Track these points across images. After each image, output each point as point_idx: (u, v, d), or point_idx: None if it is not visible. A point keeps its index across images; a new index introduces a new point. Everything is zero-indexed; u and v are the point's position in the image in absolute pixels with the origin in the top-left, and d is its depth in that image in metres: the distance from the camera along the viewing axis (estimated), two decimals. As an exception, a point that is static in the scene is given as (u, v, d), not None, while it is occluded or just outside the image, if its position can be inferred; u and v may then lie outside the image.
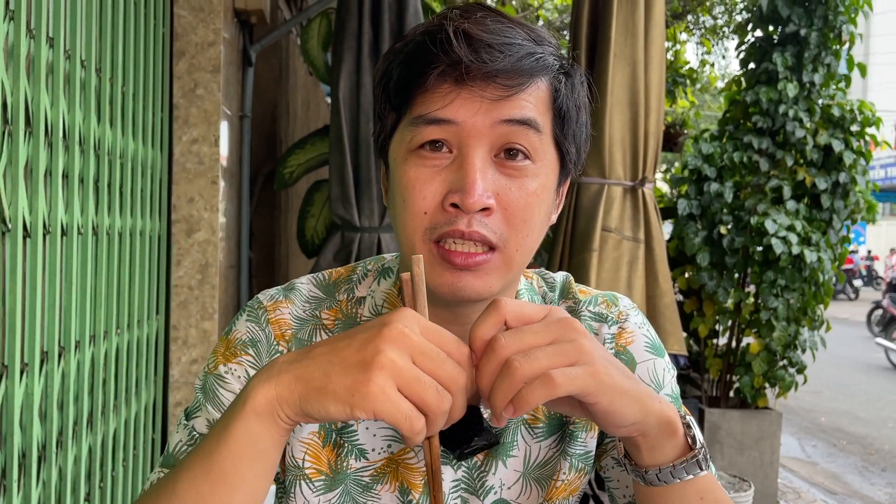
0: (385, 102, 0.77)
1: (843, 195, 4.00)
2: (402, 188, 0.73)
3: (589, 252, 2.88)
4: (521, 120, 0.71)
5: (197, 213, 2.44)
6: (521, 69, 0.70)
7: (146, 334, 2.24)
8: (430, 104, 0.71)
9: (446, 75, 0.70)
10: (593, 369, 0.61)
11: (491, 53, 0.69)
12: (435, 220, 0.72)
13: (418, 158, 0.72)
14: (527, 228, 0.73)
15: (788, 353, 4.07)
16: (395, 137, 0.76)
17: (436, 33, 0.70)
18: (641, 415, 0.65)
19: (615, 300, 0.90)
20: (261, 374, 0.63)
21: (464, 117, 0.70)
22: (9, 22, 1.35)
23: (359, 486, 0.82)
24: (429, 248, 0.73)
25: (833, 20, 3.89)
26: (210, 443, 0.64)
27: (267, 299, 0.85)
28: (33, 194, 1.46)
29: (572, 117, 0.76)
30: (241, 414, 0.62)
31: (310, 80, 4.53)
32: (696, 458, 0.69)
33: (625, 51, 2.93)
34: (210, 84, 2.43)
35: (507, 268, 0.74)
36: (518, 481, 0.84)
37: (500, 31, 0.71)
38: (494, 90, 0.70)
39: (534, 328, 0.63)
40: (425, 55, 0.71)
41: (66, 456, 1.66)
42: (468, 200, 0.69)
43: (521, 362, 0.60)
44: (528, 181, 0.73)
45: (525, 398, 0.60)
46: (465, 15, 0.72)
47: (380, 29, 2.67)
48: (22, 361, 1.43)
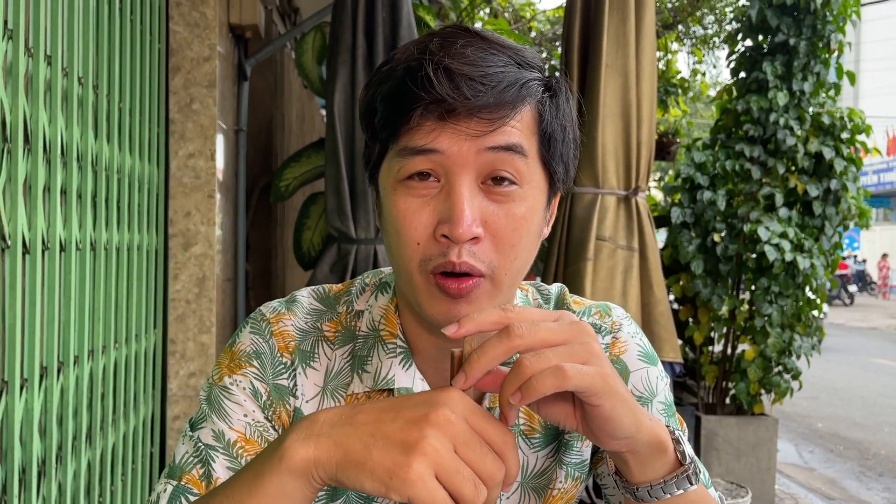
0: (371, 134, 0.78)
1: (834, 202, 4.04)
2: (393, 219, 0.74)
3: (584, 261, 2.90)
4: (506, 146, 0.71)
5: (194, 227, 2.45)
6: (504, 101, 0.70)
7: (144, 348, 2.25)
8: (415, 139, 0.72)
9: (429, 112, 0.70)
10: (602, 371, 0.62)
11: (473, 88, 0.69)
12: (428, 251, 0.73)
13: (407, 189, 0.73)
14: (514, 253, 0.74)
15: (783, 359, 4.09)
16: (383, 167, 0.77)
17: (416, 70, 0.70)
18: (634, 428, 0.66)
19: (608, 310, 0.91)
20: (300, 430, 0.62)
21: (448, 147, 0.71)
22: (7, 41, 1.36)
23: (360, 499, 0.82)
24: (426, 279, 0.73)
25: (822, 29, 3.94)
26: (240, 491, 0.63)
27: (269, 311, 0.86)
28: (32, 210, 1.47)
29: (558, 138, 0.77)
30: (277, 470, 0.61)
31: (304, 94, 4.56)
32: (686, 473, 0.70)
33: (616, 61, 2.96)
34: (206, 99, 2.45)
35: (497, 291, 0.75)
36: (516, 491, 0.85)
37: (482, 61, 0.71)
38: (478, 125, 0.70)
39: (549, 325, 0.62)
40: (407, 93, 0.71)
41: (65, 471, 1.66)
42: (457, 231, 0.70)
43: (532, 360, 0.60)
44: (516, 206, 0.73)
45: (534, 386, 0.60)
46: (446, 46, 0.71)
47: (374, 42, 2.70)
48: (22, 377, 1.43)
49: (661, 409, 0.87)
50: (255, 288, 3.30)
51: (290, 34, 3.26)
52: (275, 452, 0.62)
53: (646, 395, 0.87)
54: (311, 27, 3.19)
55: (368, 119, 0.77)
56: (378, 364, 0.83)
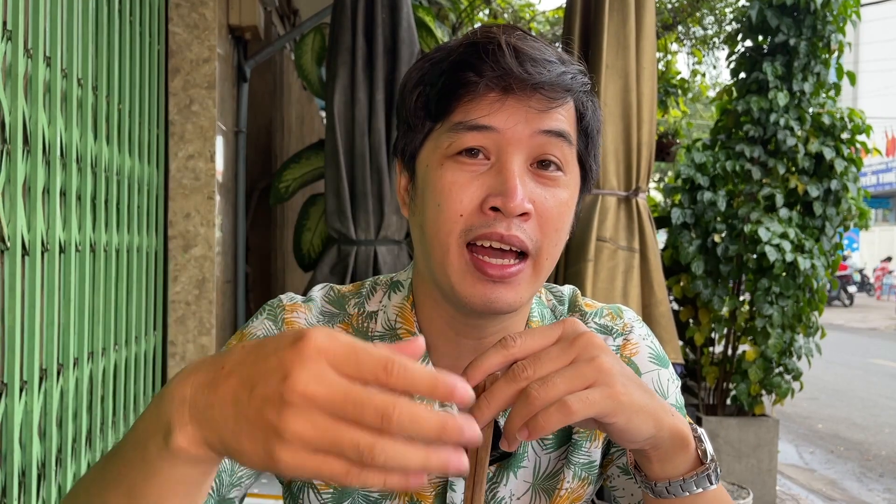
0: (419, 111, 0.77)
1: (835, 202, 4.03)
2: (437, 192, 0.74)
3: (584, 262, 2.89)
4: (559, 131, 0.74)
5: (193, 229, 2.44)
6: (561, 84, 0.73)
7: (144, 350, 2.24)
8: (474, 111, 0.73)
9: (494, 84, 0.72)
10: (611, 391, 0.61)
11: (536, 67, 0.72)
12: (471, 221, 0.72)
13: (455, 163, 0.74)
14: (557, 237, 0.76)
15: (784, 360, 4.08)
16: (427, 145, 0.77)
17: (486, 44, 0.73)
18: (655, 429, 0.65)
19: (620, 312, 0.91)
20: (178, 411, 0.52)
21: (505, 125, 0.72)
22: (6, 42, 1.36)
23: (367, 501, 0.82)
24: (461, 254, 0.73)
25: (822, 30, 3.93)
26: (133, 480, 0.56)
27: (287, 300, 0.86)
28: (31, 212, 1.46)
29: (594, 136, 0.80)
30: (171, 462, 0.53)
31: (304, 95, 4.55)
32: (707, 472, 0.70)
33: (616, 62, 2.96)
34: (205, 100, 2.45)
35: (536, 276, 0.75)
36: (528, 492, 0.84)
37: (539, 49, 0.74)
38: (539, 101, 0.73)
39: (552, 353, 0.62)
40: (473, 64, 0.72)
41: (65, 473, 1.66)
42: (510, 203, 0.70)
43: (539, 391, 0.60)
44: (561, 191, 0.75)
45: (541, 424, 0.60)
46: (508, 31, 0.75)
47: (373, 44, 2.70)
48: (21, 379, 1.43)
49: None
50: (254, 290, 3.29)
51: (289, 35, 3.25)
52: (160, 446, 0.53)
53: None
54: (311, 28, 3.19)
55: (419, 95, 0.77)
56: None
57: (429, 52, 0.79)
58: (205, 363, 0.53)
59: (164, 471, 0.54)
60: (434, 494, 0.81)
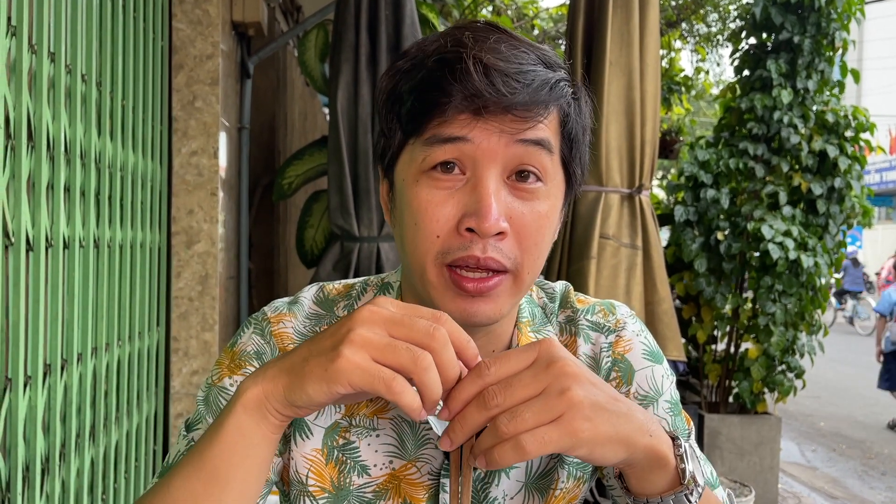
0: (393, 123, 0.75)
1: (838, 200, 4.03)
2: (413, 210, 0.73)
3: (587, 259, 2.89)
4: (536, 141, 0.71)
5: (196, 225, 2.44)
6: (538, 100, 0.70)
7: (147, 346, 2.25)
8: (446, 130, 0.71)
9: (463, 106, 0.69)
10: (572, 427, 0.61)
11: (509, 85, 0.68)
12: (448, 244, 0.71)
13: (430, 180, 0.72)
14: (537, 251, 0.74)
15: (787, 358, 4.08)
16: (402, 157, 0.76)
17: (453, 62, 0.69)
18: (627, 454, 0.65)
19: (612, 309, 0.90)
20: (250, 376, 0.65)
21: (479, 138, 0.70)
22: (11, 38, 1.36)
23: (361, 503, 0.82)
24: (440, 273, 0.72)
25: (826, 27, 3.93)
26: (203, 442, 0.66)
27: (272, 311, 0.85)
28: (36, 208, 1.47)
29: (580, 140, 0.77)
30: (232, 412, 0.64)
31: (307, 92, 4.55)
32: (684, 492, 0.69)
33: (620, 59, 2.95)
34: (209, 96, 2.45)
35: (517, 289, 0.74)
36: (520, 492, 0.84)
37: (515, 58, 0.70)
38: (512, 122, 0.70)
39: (524, 379, 0.63)
40: (441, 85, 0.69)
41: (68, 468, 1.66)
42: (484, 225, 0.69)
43: (507, 425, 0.61)
44: (539, 203, 0.73)
45: (495, 459, 0.61)
46: (480, 40, 0.71)
47: (377, 40, 2.69)
48: (25, 374, 1.43)
49: (667, 407, 0.86)
50: (257, 286, 3.30)
51: (292, 32, 3.25)
52: (230, 399, 0.66)
53: (651, 394, 0.86)
54: (314, 25, 3.18)
55: (391, 108, 0.75)
56: None
57: (406, 50, 0.76)
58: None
59: (229, 427, 0.64)
60: (427, 496, 0.81)
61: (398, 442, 0.81)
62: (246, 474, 0.65)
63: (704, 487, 0.71)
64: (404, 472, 0.81)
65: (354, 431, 0.82)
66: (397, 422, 0.81)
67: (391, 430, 0.81)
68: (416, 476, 0.81)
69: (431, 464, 0.81)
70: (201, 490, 0.64)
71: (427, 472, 0.81)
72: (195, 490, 0.65)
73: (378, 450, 0.81)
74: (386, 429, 0.81)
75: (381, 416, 0.82)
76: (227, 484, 0.64)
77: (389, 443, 0.81)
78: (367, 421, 0.82)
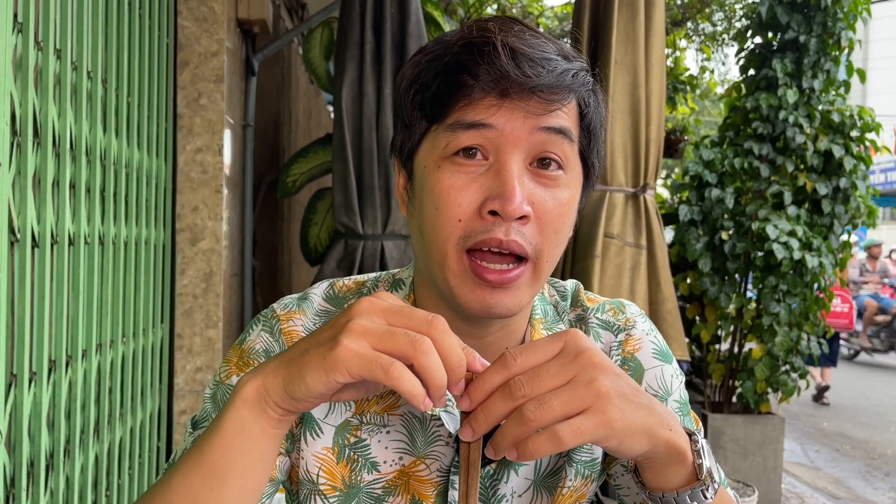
0: (415, 110, 0.75)
1: (843, 200, 4.02)
2: (434, 195, 0.73)
3: (591, 258, 2.89)
4: (559, 129, 0.72)
5: (201, 222, 2.45)
6: (561, 84, 0.71)
7: (151, 343, 2.25)
8: (471, 114, 0.71)
9: (490, 88, 0.70)
10: (605, 418, 0.61)
11: (534, 68, 0.69)
12: (470, 227, 0.71)
13: (453, 165, 0.72)
14: (557, 239, 0.74)
15: (791, 358, 4.07)
16: (424, 145, 0.76)
17: (481, 45, 0.70)
18: (650, 446, 0.65)
19: (622, 307, 0.90)
20: (251, 369, 0.66)
21: (503, 123, 0.70)
22: (17, 34, 1.36)
23: (370, 499, 0.82)
24: (460, 260, 0.72)
25: (832, 26, 3.91)
26: (203, 438, 0.65)
27: (281, 308, 0.84)
28: (41, 204, 1.47)
29: (597, 133, 0.78)
30: (232, 406, 0.64)
31: (311, 89, 4.55)
32: (701, 488, 0.69)
33: (625, 58, 2.95)
34: (213, 94, 2.45)
35: (536, 279, 0.74)
36: (529, 489, 0.84)
37: (538, 46, 0.71)
38: (537, 104, 0.70)
39: (550, 369, 0.62)
40: (468, 66, 0.70)
41: (73, 464, 1.66)
42: (508, 207, 0.69)
43: (535, 412, 0.60)
44: (561, 191, 0.73)
45: (530, 450, 0.60)
46: (505, 28, 0.72)
47: (382, 38, 2.69)
48: (30, 370, 1.44)
49: (676, 407, 0.86)
50: (261, 283, 3.30)
51: (297, 29, 3.25)
52: (231, 395, 0.65)
53: (660, 393, 0.86)
54: (319, 22, 3.18)
55: (414, 96, 0.75)
56: None
57: (426, 46, 0.77)
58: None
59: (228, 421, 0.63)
60: (435, 493, 0.81)
61: (408, 438, 0.81)
62: (246, 470, 0.64)
63: (720, 485, 0.72)
64: (414, 469, 0.81)
65: (365, 429, 0.81)
66: (408, 418, 0.81)
67: (401, 426, 0.81)
68: (425, 473, 0.81)
69: (441, 461, 0.81)
70: (200, 485, 0.64)
71: (436, 469, 0.81)
72: (194, 485, 0.64)
73: (388, 446, 0.81)
74: (396, 425, 0.81)
75: (392, 412, 0.81)
76: (226, 479, 0.64)
77: (399, 439, 0.81)
78: (378, 418, 0.81)
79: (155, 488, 0.67)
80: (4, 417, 1.32)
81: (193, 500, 0.64)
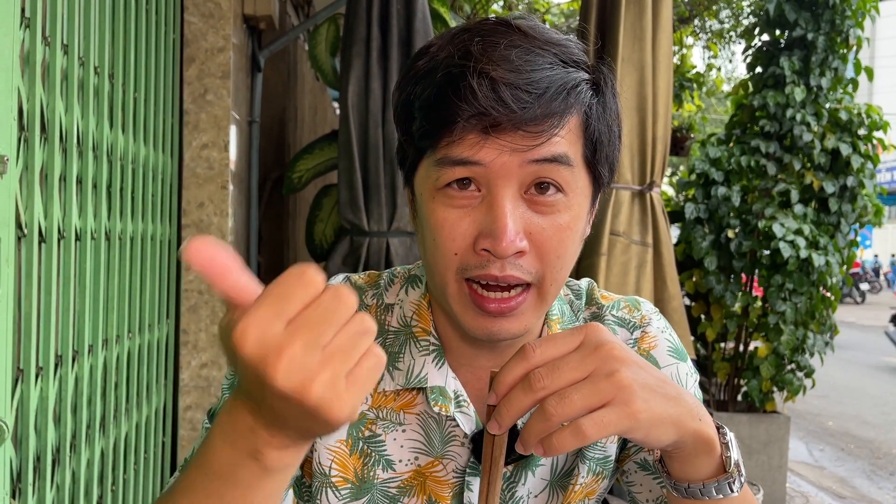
0: (406, 137, 0.74)
1: (850, 199, 4.00)
2: (430, 228, 0.72)
3: (597, 256, 2.88)
4: (552, 158, 0.69)
5: (207, 218, 2.45)
6: (551, 112, 0.67)
7: (157, 338, 2.25)
8: (456, 150, 0.68)
9: (471, 126, 0.67)
10: (629, 410, 0.60)
11: (519, 99, 0.66)
12: (466, 261, 0.70)
13: (446, 198, 0.71)
14: (560, 263, 0.72)
15: (796, 356, 4.06)
16: (419, 172, 0.75)
17: (458, 79, 0.67)
18: (678, 436, 0.64)
19: (637, 305, 0.89)
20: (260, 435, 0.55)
21: (491, 159, 0.68)
22: (25, 30, 1.36)
23: (385, 498, 0.81)
24: (461, 288, 0.72)
25: (840, 24, 3.89)
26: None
27: None
28: (48, 200, 1.47)
29: (604, 141, 0.74)
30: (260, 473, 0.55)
31: (317, 86, 4.55)
32: (729, 479, 0.69)
33: (632, 55, 2.94)
34: (220, 90, 2.45)
35: (542, 301, 0.73)
36: (544, 490, 0.84)
37: (527, 65, 0.67)
38: (523, 139, 0.67)
39: (571, 362, 0.61)
40: (448, 104, 0.67)
41: (79, 459, 1.67)
42: (499, 246, 0.67)
43: (556, 407, 0.60)
44: (560, 216, 0.71)
45: (555, 445, 0.60)
46: (488, 49, 0.67)
47: (388, 34, 2.68)
48: (37, 365, 1.44)
49: None
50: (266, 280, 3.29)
51: (303, 25, 3.25)
52: (253, 469, 0.55)
53: None
54: (325, 19, 3.18)
55: (405, 122, 0.74)
56: (411, 362, 0.80)
57: (419, 54, 0.73)
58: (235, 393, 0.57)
59: (260, 487, 0.55)
60: (451, 494, 0.81)
61: (425, 438, 0.81)
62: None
63: (745, 479, 0.71)
64: (430, 469, 0.81)
65: (381, 424, 0.81)
66: (424, 418, 0.81)
67: (418, 425, 0.81)
68: (441, 473, 0.81)
69: (457, 461, 0.81)
70: None
71: (452, 470, 0.81)
72: None
73: (404, 445, 0.81)
74: (412, 424, 0.81)
75: (408, 411, 0.81)
76: None
77: (416, 439, 0.81)
78: (394, 415, 0.81)
79: None
80: (11, 412, 1.32)
81: None
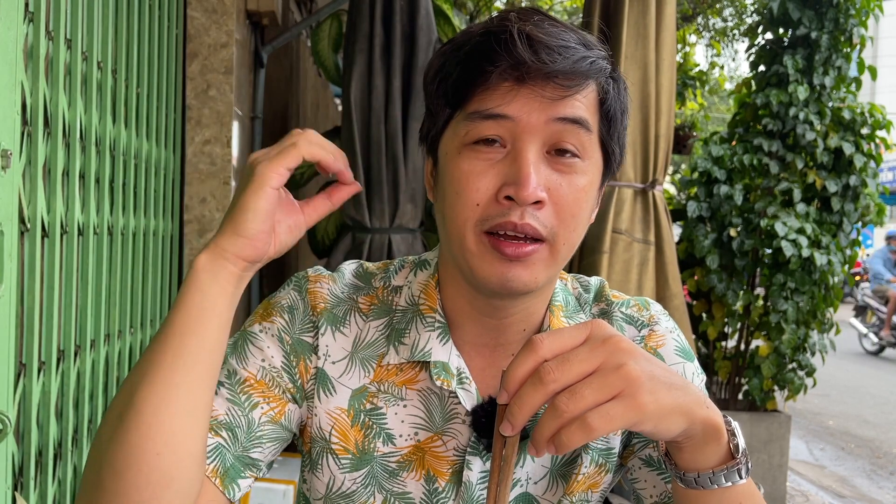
0: (439, 98, 0.79)
1: (853, 198, 3.99)
2: (454, 180, 0.76)
3: (599, 254, 2.88)
4: (574, 119, 0.74)
5: (209, 214, 2.45)
6: (577, 71, 0.73)
7: (159, 334, 2.25)
8: (489, 101, 0.74)
9: (507, 74, 0.73)
10: (636, 402, 0.61)
11: (550, 55, 0.72)
12: (487, 211, 0.74)
13: (472, 152, 0.75)
14: (574, 223, 0.76)
15: (798, 355, 4.06)
16: (447, 133, 0.79)
17: (499, 34, 0.73)
18: (687, 425, 0.66)
19: (647, 305, 0.92)
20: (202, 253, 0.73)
21: (520, 113, 0.73)
22: (28, 24, 1.36)
23: (385, 472, 0.83)
24: (479, 240, 0.75)
25: (844, 23, 3.88)
26: (166, 318, 0.72)
27: (313, 271, 0.90)
28: (51, 194, 1.47)
29: (618, 120, 0.80)
30: (189, 276, 0.72)
31: (319, 82, 4.55)
32: (737, 466, 0.70)
33: (636, 53, 2.94)
34: (222, 85, 2.45)
35: (553, 260, 0.76)
36: (545, 477, 0.85)
37: (557, 35, 0.74)
38: (553, 90, 0.73)
39: (579, 354, 0.62)
40: (487, 54, 0.73)
41: (81, 454, 1.67)
42: (522, 193, 0.71)
43: (567, 403, 0.61)
44: (578, 177, 0.76)
45: (564, 441, 0.61)
46: (525, 18, 0.74)
47: (391, 31, 2.68)
48: (39, 360, 1.44)
49: None
50: (268, 276, 3.30)
51: (306, 21, 3.24)
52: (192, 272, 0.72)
53: None
54: (328, 15, 3.17)
55: (440, 83, 0.78)
56: (416, 337, 0.84)
57: (453, 37, 0.80)
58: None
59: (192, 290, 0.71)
60: (451, 472, 0.82)
61: (426, 413, 0.83)
62: (206, 328, 0.70)
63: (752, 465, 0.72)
64: (430, 445, 0.83)
65: (382, 398, 0.83)
66: (426, 393, 0.83)
67: (419, 401, 0.83)
68: (441, 449, 0.83)
69: (458, 439, 0.82)
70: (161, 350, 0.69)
71: (453, 448, 0.83)
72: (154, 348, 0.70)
73: (405, 420, 0.83)
74: (414, 400, 0.83)
75: (410, 386, 0.83)
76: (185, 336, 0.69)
77: (416, 414, 0.83)
78: (396, 389, 0.83)
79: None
80: (14, 407, 1.32)
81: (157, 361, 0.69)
